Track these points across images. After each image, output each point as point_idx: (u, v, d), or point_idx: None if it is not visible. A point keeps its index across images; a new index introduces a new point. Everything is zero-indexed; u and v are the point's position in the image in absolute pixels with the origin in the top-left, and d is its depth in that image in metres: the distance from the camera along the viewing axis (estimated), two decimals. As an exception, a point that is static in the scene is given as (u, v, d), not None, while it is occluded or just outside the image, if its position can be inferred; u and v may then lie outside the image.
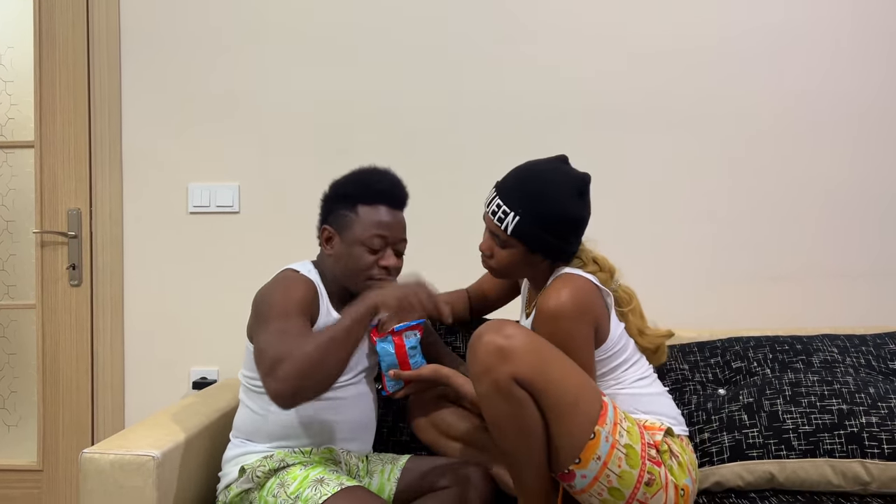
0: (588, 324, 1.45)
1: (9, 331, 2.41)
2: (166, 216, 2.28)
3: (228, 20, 2.26)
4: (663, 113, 2.20)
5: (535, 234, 1.47)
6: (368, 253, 1.53)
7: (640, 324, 1.61)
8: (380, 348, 1.59)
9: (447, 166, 2.23)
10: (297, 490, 1.42)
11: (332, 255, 1.56)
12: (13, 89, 2.38)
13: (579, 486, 1.39)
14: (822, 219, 2.19)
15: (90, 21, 2.28)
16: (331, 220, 1.57)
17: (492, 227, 1.52)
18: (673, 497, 1.42)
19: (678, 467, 1.45)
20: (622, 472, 1.37)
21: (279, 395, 1.28)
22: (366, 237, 1.52)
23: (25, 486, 2.33)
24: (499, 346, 1.33)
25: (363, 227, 1.52)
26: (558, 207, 1.47)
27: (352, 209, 1.54)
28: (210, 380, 2.25)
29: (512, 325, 1.38)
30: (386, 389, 1.62)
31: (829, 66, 2.18)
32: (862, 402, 1.68)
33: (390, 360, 1.58)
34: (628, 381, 1.54)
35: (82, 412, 2.31)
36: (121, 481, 1.46)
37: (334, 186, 1.60)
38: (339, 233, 1.55)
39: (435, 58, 2.23)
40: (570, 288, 1.44)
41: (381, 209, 1.54)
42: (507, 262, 1.52)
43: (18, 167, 2.39)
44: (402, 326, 1.58)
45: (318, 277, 1.57)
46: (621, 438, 1.37)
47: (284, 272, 1.57)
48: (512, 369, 1.32)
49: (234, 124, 2.27)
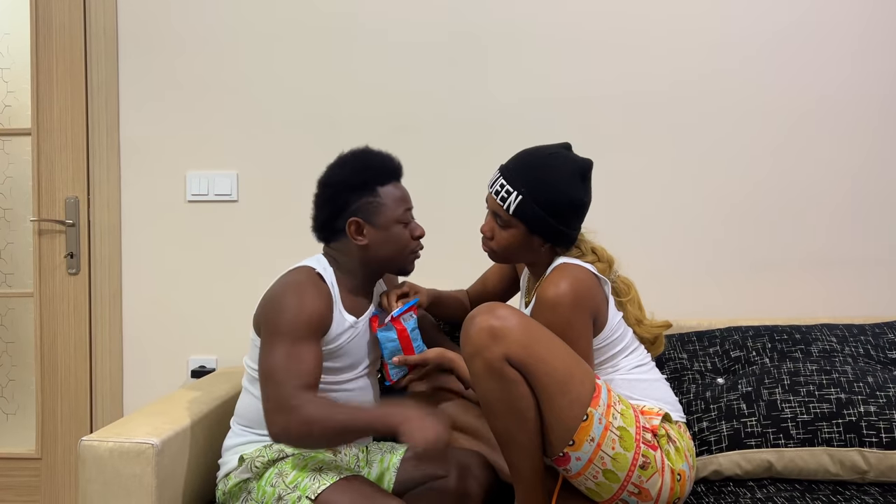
0: (586, 313, 1.46)
1: (7, 319, 2.41)
2: (164, 204, 2.28)
3: (226, 7, 2.24)
4: (665, 107, 2.19)
5: (536, 215, 1.48)
6: (405, 228, 1.55)
7: (638, 314, 1.62)
8: (382, 337, 1.58)
9: (447, 156, 2.23)
10: (296, 479, 1.42)
11: (367, 244, 1.53)
12: (10, 76, 2.37)
13: (574, 469, 1.39)
14: (822, 209, 2.19)
15: (87, 7, 2.26)
16: (354, 210, 1.52)
17: (494, 207, 1.53)
18: (669, 481, 1.43)
19: (675, 452, 1.46)
20: (616, 455, 1.37)
21: (277, 438, 1.38)
22: (399, 215, 1.54)
23: (24, 475, 2.33)
24: (491, 327, 1.35)
25: (393, 207, 1.53)
26: (560, 190, 1.48)
27: (373, 194, 1.52)
28: (209, 368, 2.25)
29: (504, 306, 1.39)
30: (389, 379, 1.61)
31: (827, 60, 2.17)
32: (860, 391, 1.68)
33: (393, 347, 1.58)
34: (626, 367, 1.55)
35: (81, 400, 2.31)
36: (120, 469, 1.46)
37: (341, 177, 1.54)
38: (369, 220, 1.52)
39: (436, 47, 2.22)
40: (568, 277, 1.45)
41: (397, 185, 1.57)
42: (507, 244, 1.54)
43: (15, 155, 2.38)
44: (399, 311, 1.58)
45: (332, 277, 1.55)
46: (615, 421, 1.38)
47: (299, 271, 1.53)
48: (504, 349, 1.34)
49: (232, 112, 2.26)
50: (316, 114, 2.24)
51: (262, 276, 2.25)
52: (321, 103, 2.24)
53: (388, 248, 1.54)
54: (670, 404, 1.56)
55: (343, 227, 1.53)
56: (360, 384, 1.60)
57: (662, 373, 1.86)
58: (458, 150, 2.22)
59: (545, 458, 1.44)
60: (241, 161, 2.26)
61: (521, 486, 1.44)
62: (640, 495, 1.41)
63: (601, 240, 1.61)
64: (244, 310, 2.25)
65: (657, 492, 1.42)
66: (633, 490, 1.40)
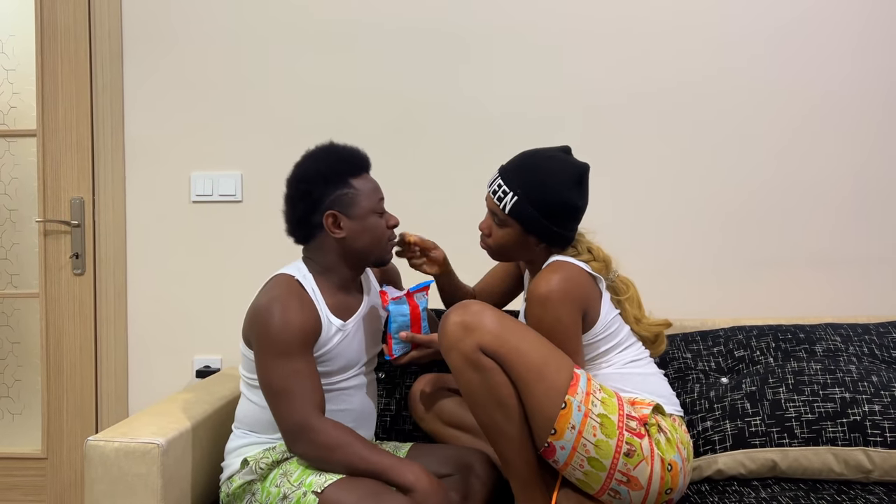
0: (576, 309, 1.49)
1: (12, 320, 2.42)
2: (169, 205, 2.28)
3: (230, 9, 2.25)
4: (666, 105, 2.19)
5: (531, 215, 1.52)
6: (381, 218, 1.57)
7: (636, 313, 1.63)
8: (393, 310, 1.58)
9: (452, 155, 2.23)
10: (301, 477, 1.43)
11: (344, 237, 1.54)
12: (15, 78, 2.38)
13: (561, 459, 1.41)
14: (827, 208, 2.19)
15: (92, 9, 2.27)
16: (329, 203, 1.53)
17: (491, 206, 1.58)
18: (659, 470, 1.43)
19: (666, 442, 1.47)
20: (598, 442, 1.39)
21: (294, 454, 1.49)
22: (374, 204, 1.56)
23: (30, 474, 2.34)
24: (463, 321, 1.41)
25: (367, 197, 1.55)
26: (555, 192, 1.51)
27: (347, 186, 1.54)
28: (213, 368, 2.26)
29: (477, 303, 1.45)
30: (390, 353, 1.60)
31: (828, 57, 2.17)
32: (865, 390, 1.68)
33: (403, 321, 1.58)
34: (620, 362, 1.57)
35: (86, 400, 2.32)
36: (125, 469, 1.46)
37: (314, 172, 1.55)
38: (345, 212, 1.54)
39: (437, 46, 2.22)
40: (559, 274, 1.48)
41: (367, 176, 1.59)
42: (503, 242, 1.58)
43: (21, 156, 2.39)
44: (414, 287, 1.60)
45: (313, 283, 1.56)
46: (594, 408, 1.40)
47: (279, 282, 1.54)
48: (476, 339, 1.39)
49: (236, 113, 2.26)
50: (320, 114, 2.25)
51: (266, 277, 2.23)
52: (325, 103, 2.24)
53: (366, 238, 1.55)
54: (664, 398, 1.56)
55: (320, 221, 1.54)
56: (357, 381, 1.61)
57: (666, 372, 1.87)
58: (463, 151, 2.23)
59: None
60: (245, 161, 2.27)
61: (517, 481, 1.46)
62: (630, 483, 1.42)
63: (602, 239, 1.62)
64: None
65: (647, 480, 1.42)
66: (621, 479, 1.41)
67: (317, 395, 1.46)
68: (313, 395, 1.45)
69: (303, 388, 1.44)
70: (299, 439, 1.43)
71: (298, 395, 1.43)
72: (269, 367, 1.45)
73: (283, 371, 1.44)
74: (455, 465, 1.59)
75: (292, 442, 1.44)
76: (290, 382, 1.44)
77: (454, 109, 2.22)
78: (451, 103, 2.22)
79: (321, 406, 1.46)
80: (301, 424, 1.42)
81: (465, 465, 1.59)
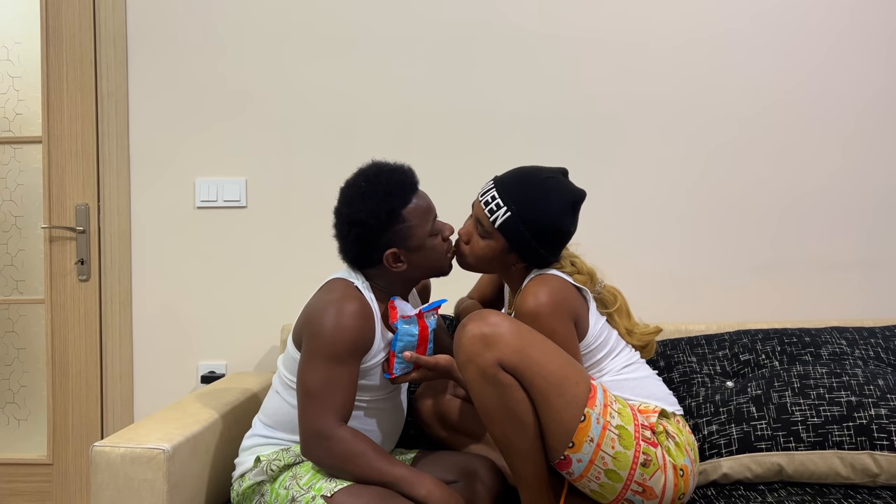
0: (568, 319, 1.48)
1: (18, 326, 2.42)
2: (174, 211, 2.29)
3: (235, 15, 2.26)
4: (674, 109, 2.19)
5: (521, 234, 1.50)
6: (438, 238, 1.54)
7: (627, 323, 1.63)
8: (402, 329, 1.53)
9: (451, 160, 2.23)
10: (310, 481, 1.44)
11: (406, 269, 1.52)
12: (20, 85, 2.39)
13: (577, 471, 1.40)
14: (831, 211, 2.18)
15: (97, 16, 2.28)
16: (388, 241, 1.49)
17: (479, 215, 1.55)
18: (672, 478, 1.43)
19: (675, 448, 1.46)
20: (616, 454, 1.38)
21: (311, 460, 1.46)
22: (429, 229, 1.52)
23: (36, 480, 2.34)
24: (483, 334, 1.36)
25: (420, 224, 1.50)
26: (550, 215, 1.50)
27: (400, 220, 1.48)
28: (218, 374, 2.26)
29: (495, 313, 1.40)
30: (391, 371, 1.57)
31: (826, 56, 2.17)
32: (871, 394, 1.68)
33: (409, 341, 1.54)
34: (614, 369, 1.56)
35: (92, 406, 2.32)
36: (131, 474, 1.46)
37: (366, 213, 1.47)
38: (403, 246, 1.50)
39: (441, 49, 2.23)
40: (545, 286, 1.48)
41: (416, 199, 1.51)
42: (481, 253, 1.55)
43: (26, 163, 2.39)
44: (427, 307, 1.56)
45: (371, 293, 1.53)
46: (613, 420, 1.39)
47: (338, 286, 1.51)
48: (496, 354, 1.35)
49: (241, 119, 2.27)
50: (324, 119, 2.25)
51: (271, 282, 2.26)
52: (330, 109, 2.25)
53: (427, 262, 1.54)
54: (663, 399, 1.56)
55: (379, 258, 1.51)
56: (391, 404, 1.61)
57: (671, 376, 1.87)
58: (467, 157, 2.23)
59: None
60: (249, 167, 2.27)
61: (526, 492, 1.45)
62: (645, 494, 1.41)
63: (604, 242, 1.64)
64: (253, 315, 2.26)
65: (661, 489, 1.41)
66: (636, 489, 1.40)
67: (347, 406, 1.45)
68: (344, 405, 1.44)
69: (334, 396, 1.43)
70: (317, 446, 1.42)
71: (328, 401, 1.42)
72: (311, 366, 1.44)
73: (323, 374, 1.43)
74: (460, 471, 1.59)
75: (309, 447, 1.43)
76: (325, 387, 1.42)
77: (459, 114, 2.22)
78: (457, 107, 2.22)
79: (346, 417, 1.45)
80: (321, 432, 1.41)
81: (470, 471, 1.59)
